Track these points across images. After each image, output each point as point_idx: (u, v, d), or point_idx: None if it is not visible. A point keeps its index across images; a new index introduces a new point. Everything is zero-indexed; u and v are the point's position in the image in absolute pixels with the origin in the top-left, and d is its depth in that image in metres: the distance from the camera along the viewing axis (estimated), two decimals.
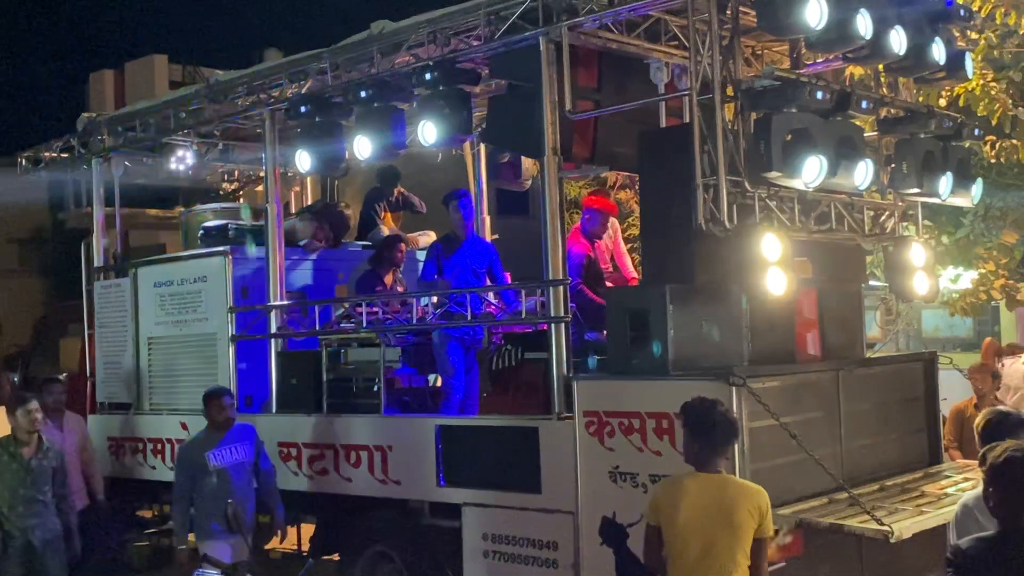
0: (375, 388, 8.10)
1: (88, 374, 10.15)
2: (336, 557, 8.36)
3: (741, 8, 6.48)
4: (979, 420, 5.18)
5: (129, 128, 9.94)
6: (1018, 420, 5.12)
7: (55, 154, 10.63)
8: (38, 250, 30.83)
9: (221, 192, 11.94)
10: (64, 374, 11.01)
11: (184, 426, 8.95)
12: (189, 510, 7.50)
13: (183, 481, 7.50)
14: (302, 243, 9.85)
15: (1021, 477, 3.89)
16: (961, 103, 9.90)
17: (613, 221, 8.94)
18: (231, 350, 8.88)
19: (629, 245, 9.38)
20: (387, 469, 7.62)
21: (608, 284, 8.22)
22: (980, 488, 4.65)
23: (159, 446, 9.33)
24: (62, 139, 10.45)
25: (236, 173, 12.05)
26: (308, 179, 11.52)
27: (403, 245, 9.42)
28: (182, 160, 9.98)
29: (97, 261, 10.24)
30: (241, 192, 12.24)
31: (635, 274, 8.71)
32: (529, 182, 9.21)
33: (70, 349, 11.58)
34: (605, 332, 7.07)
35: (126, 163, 10.23)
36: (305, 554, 8.85)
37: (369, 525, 7.87)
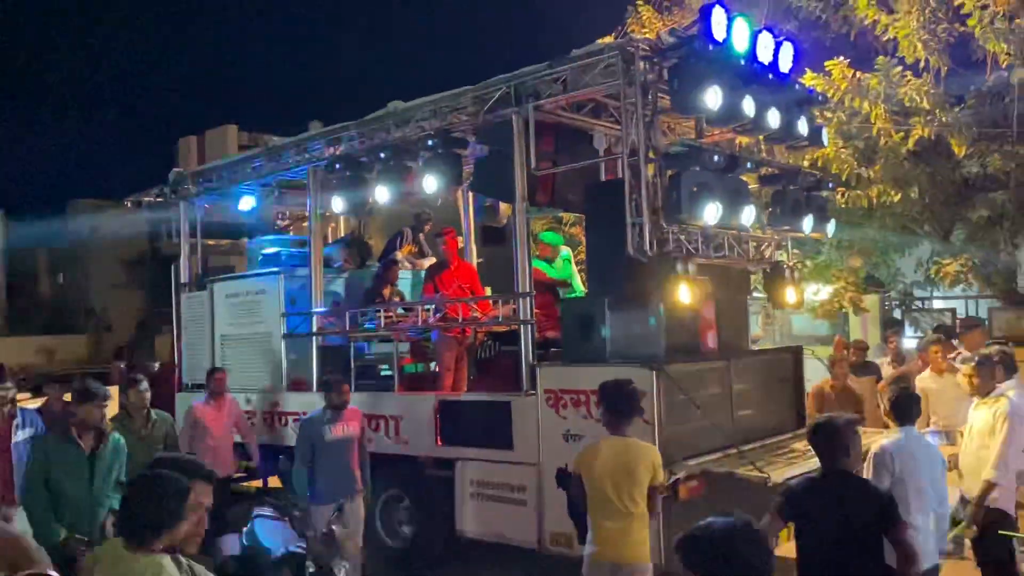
0: (391, 373, 8.04)
1: (177, 363, 9.99)
2: None
3: (659, 94, 6.44)
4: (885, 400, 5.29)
5: (208, 180, 9.86)
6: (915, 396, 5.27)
7: (153, 199, 10.51)
8: (139, 269, 30.53)
9: (276, 227, 11.82)
10: (158, 362, 10.90)
11: (249, 401, 8.90)
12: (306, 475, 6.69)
13: (305, 450, 6.69)
14: (336, 265, 9.79)
15: (823, 437, 4.16)
16: (820, 164, 9.90)
17: (567, 249, 8.91)
18: (283, 345, 8.77)
19: (580, 267, 9.33)
20: (399, 433, 7.56)
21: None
22: (888, 438, 4.95)
23: None
24: (158, 188, 10.34)
25: (287, 212, 11.94)
26: (341, 217, 11.43)
27: (396, 268, 9.26)
28: (247, 203, 9.87)
29: (184, 279, 10.10)
30: (291, 227, 12.12)
31: (583, 289, 8.66)
32: (505, 220, 9.15)
33: (164, 344, 11.44)
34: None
35: (206, 205, 10.16)
36: None
37: (387, 473, 7.78)
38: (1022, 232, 11.07)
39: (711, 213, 6.16)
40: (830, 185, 8.00)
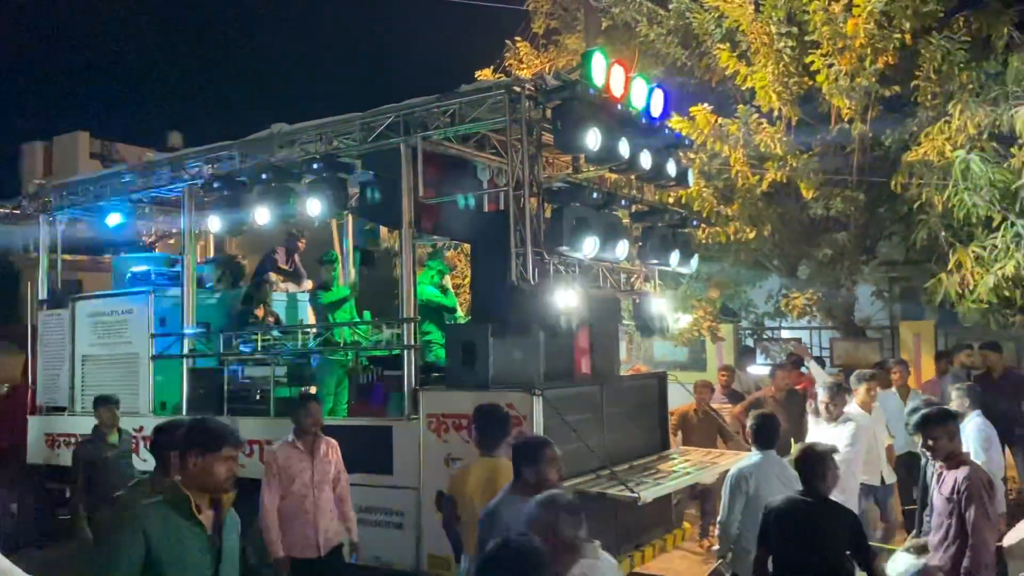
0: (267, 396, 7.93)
1: (31, 383, 9.47)
2: None
3: (543, 132, 6.77)
4: (749, 423, 5.71)
5: (73, 193, 9.45)
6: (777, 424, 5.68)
7: (9, 211, 9.96)
8: None
9: (141, 243, 11.41)
10: (6, 384, 10.28)
11: None
12: None
13: None
14: (208, 286, 9.59)
15: (805, 463, 4.45)
16: (684, 202, 10.51)
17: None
18: (151, 367, 8.53)
19: (457, 291, 9.51)
20: None
21: None
22: (745, 461, 5.30)
23: None
24: (16, 199, 9.82)
25: (153, 229, 11.56)
26: (211, 236, 11.17)
27: (267, 286, 9.18)
28: (114, 219, 9.52)
29: (41, 295, 9.61)
30: (157, 244, 11.74)
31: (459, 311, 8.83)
32: (385, 245, 9.27)
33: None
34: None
35: (67, 220, 9.72)
36: None
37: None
38: (859, 270, 12.15)
39: (589, 246, 6.52)
40: (694, 223, 8.52)
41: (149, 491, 3.45)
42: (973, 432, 6.26)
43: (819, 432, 6.58)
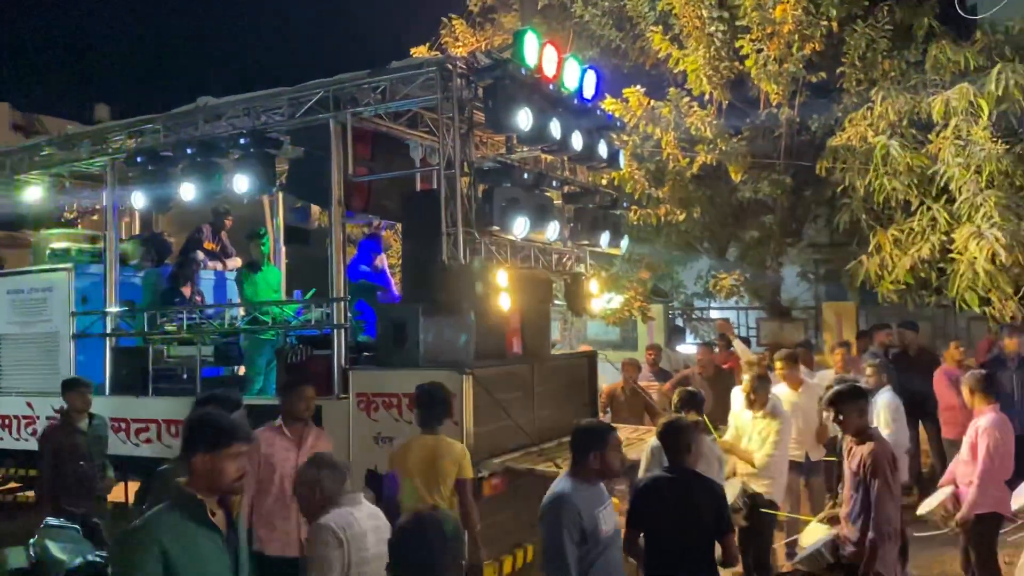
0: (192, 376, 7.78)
1: None
2: None
3: (474, 110, 6.73)
4: (674, 398, 5.85)
5: None
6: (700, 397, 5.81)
7: None
8: None
9: (63, 220, 11.02)
10: None
11: (29, 405, 8.30)
12: None
13: (569, 549, 3.89)
14: (132, 263, 9.34)
15: (669, 436, 4.41)
16: (616, 183, 10.58)
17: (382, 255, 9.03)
18: (72, 346, 8.29)
19: (393, 271, 9.44)
20: None
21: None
22: None
23: (6, 421, 8.54)
24: None
25: (75, 204, 11.17)
26: (136, 211, 10.86)
27: (194, 264, 8.96)
28: (34, 194, 9.17)
29: None
30: (80, 220, 11.36)
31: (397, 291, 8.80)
32: (316, 223, 9.14)
33: None
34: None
35: None
36: (131, 504, 8.37)
37: None
38: (786, 251, 12.48)
39: (520, 226, 6.53)
40: (624, 204, 8.59)
41: None
42: (883, 406, 6.53)
43: (744, 418, 6.72)
